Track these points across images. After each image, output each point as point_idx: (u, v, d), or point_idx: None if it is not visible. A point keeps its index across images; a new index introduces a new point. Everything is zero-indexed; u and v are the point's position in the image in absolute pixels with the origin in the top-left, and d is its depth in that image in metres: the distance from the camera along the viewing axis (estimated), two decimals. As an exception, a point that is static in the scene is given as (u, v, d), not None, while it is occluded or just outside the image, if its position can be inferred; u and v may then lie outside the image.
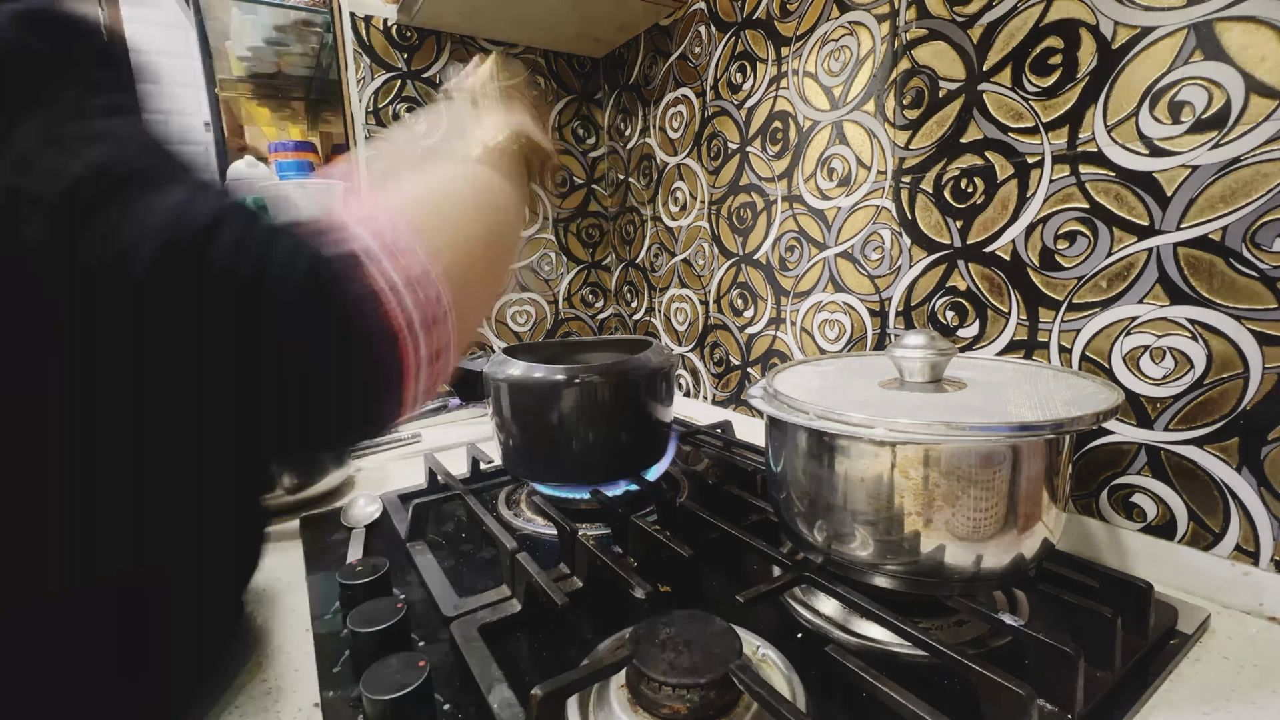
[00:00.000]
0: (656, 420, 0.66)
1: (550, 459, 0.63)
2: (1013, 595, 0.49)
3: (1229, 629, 0.45)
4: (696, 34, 0.94)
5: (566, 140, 1.18)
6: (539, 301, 1.20)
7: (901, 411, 0.41)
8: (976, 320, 0.63)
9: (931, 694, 0.34)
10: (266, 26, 1.22)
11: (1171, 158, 0.48)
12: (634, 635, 0.38)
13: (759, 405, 0.47)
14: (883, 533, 0.42)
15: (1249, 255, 0.45)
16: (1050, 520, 0.42)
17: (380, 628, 0.42)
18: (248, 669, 0.44)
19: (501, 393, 0.64)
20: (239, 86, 1.47)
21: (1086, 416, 0.38)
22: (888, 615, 0.41)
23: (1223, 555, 0.49)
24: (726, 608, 0.49)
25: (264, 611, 0.51)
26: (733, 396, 0.98)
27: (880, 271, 0.72)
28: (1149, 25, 0.48)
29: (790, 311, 0.85)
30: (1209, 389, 0.48)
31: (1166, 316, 0.49)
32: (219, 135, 1.44)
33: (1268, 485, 0.46)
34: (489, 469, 0.77)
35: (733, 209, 0.92)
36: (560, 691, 0.34)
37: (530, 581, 0.47)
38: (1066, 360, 0.56)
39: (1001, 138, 0.58)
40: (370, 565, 0.50)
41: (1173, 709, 0.38)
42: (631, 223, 1.18)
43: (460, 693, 0.40)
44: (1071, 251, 0.54)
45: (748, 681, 0.34)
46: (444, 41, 1.04)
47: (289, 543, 0.64)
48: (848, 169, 0.74)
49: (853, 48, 0.71)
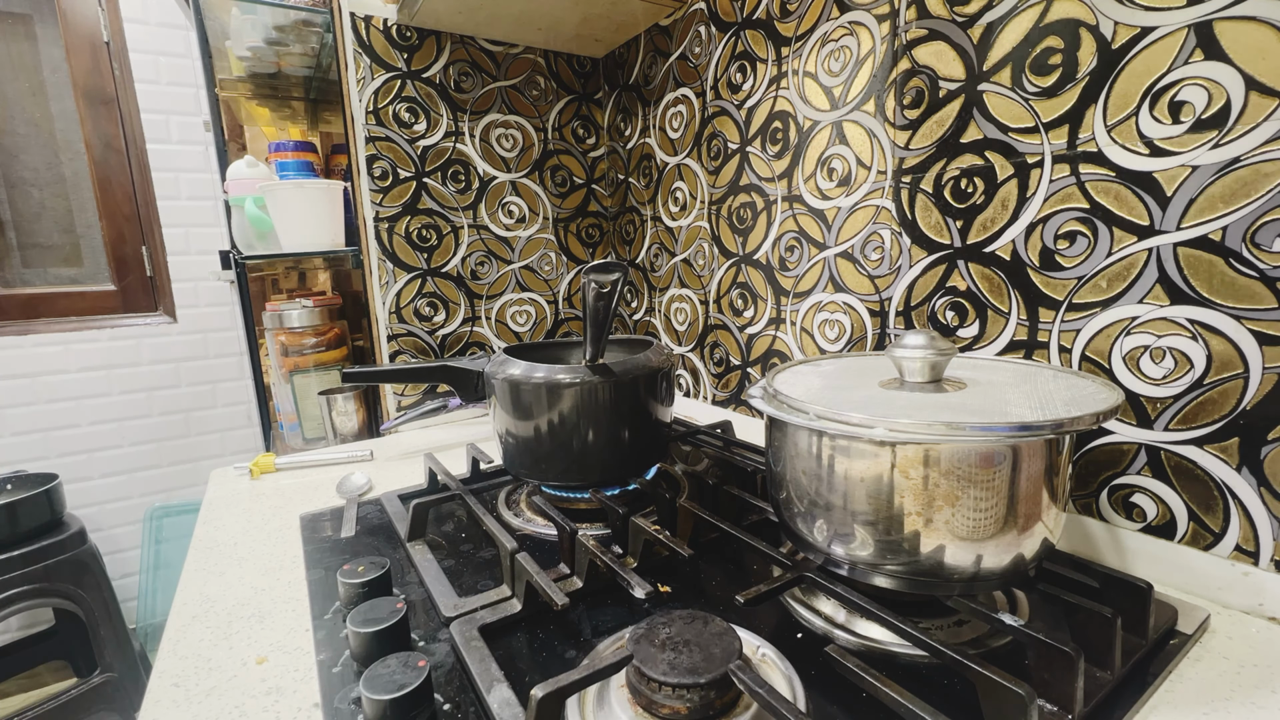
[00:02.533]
0: (656, 420, 0.66)
1: (550, 459, 0.63)
2: (1013, 595, 0.49)
3: (1229, 629, 0.45)
4: (696, 34, 0.94)
5: (567, 140, 1.18)
6: (539, 301, 1.20)
7: (901, 411, 0.41)
8: (976, 320, 0.63)
9: (931, 694, 0.34)
10: (266, 26, 1.22)
11: (1171, 158, 0.48)
12: (634, 635, 0.38)
13: (759, 405, 0.47)
14: (883, 533, 0.42)
15: (1249, 255, 0.45)
16: (1050, 520, 0.42)
17: (380, 628, 0.42)
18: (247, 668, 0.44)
19: (502, 393, 0.64)
20: (239, 86, 1.47)
21: (1086, 416, 0.38)
22: (888, 615, 0.41)
23: (1223, 555, 0.49)
24: (726, 608, 0.49)
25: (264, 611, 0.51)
26: (733, 396, 0.98)
27: (880, 271, 0.72)
28: (1149, 25, 0.48)
29: (790, 311, 0.85)
30: (1209, 389, 0.48)
31: (1166, 316, 0.49)
32: (219, 135, 1.43)
33: (1268, 485, 0.46)
34: (489, 469, 0.77)
35: (733, 209, 0.92)
36: (560, 691, 0.34)
37: (530, 581, 0.47)
38: (1066, 360, 0.56)
39: (1001, 138, 0.58)
40: (370, 565, 0.50)
41: (1173, 709, 0.38)
42: (631, 223, 1.18)
43: (460, 693, 0.40)
44: (1071, 251, 0.54)
45: (748, 681, 0.34)
46: (444, 41, 1.04)
47: (289, 542, 0.64)
48: (848, 169, 0.74)
49: (853, 48, 0.71)
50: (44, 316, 1.73)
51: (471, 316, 1.12)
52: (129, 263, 1.82)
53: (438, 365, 0.74)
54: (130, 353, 1.78)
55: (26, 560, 1.35)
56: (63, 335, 1.70)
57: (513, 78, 1.11)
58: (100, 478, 1.78)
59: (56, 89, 1.72)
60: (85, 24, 1.69)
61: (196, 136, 1.80)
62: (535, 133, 1.15)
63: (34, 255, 1.75)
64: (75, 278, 1.80)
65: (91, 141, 1.74)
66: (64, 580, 1.40)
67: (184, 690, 0.43)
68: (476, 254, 1.11)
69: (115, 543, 1.80)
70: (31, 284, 1.75)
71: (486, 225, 1.12)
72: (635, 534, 0.55)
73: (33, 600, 1.35)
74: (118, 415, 1.78)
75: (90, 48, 1.71)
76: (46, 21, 1.68)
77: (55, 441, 1.71)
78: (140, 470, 1.83)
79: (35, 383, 1.68)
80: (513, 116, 1.12)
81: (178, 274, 1.83)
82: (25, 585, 1.34)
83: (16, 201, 1.72)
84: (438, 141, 1.05)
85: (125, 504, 1.82)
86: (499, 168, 1.12)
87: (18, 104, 1.69)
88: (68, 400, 1.71)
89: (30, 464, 1.66)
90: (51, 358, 1.69)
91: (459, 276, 1.10)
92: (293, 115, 1.62)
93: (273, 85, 1.48)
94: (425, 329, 1.08)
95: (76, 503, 1.72)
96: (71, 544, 1.43)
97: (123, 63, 1.72)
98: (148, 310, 1.85)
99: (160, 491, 1.86)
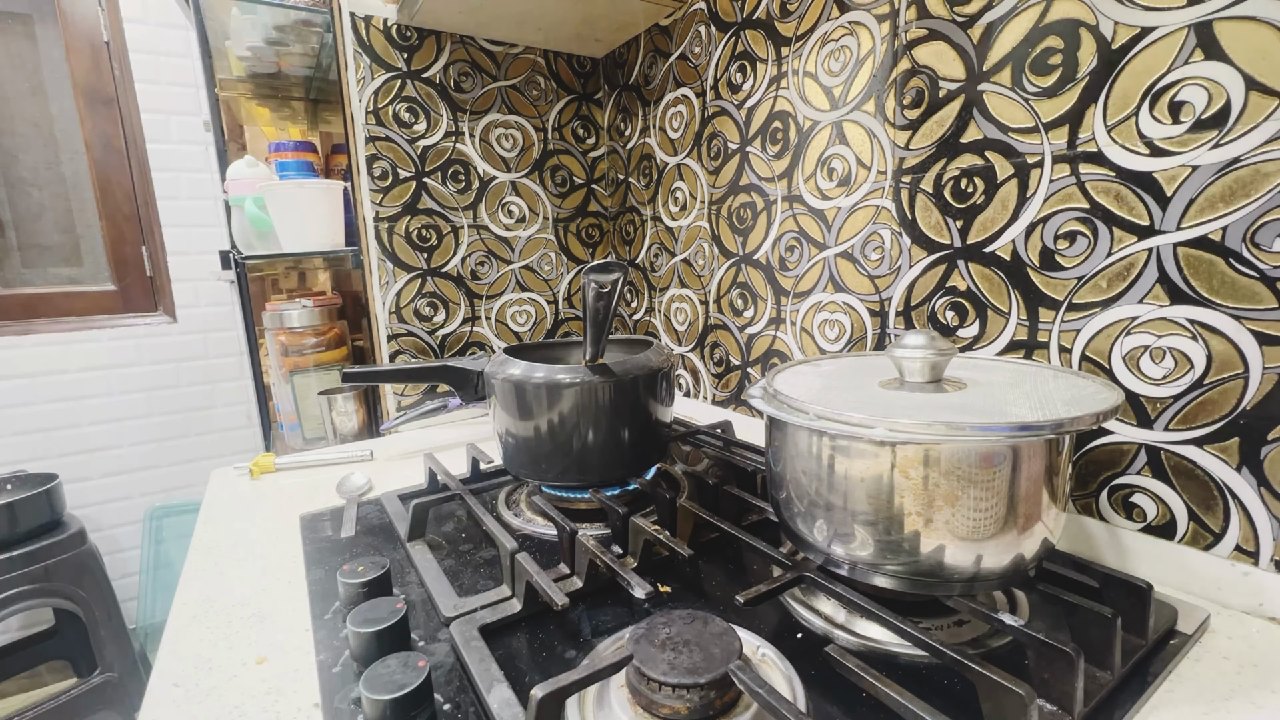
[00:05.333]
0: (656, 420, 0.66)
1: (550, 459, 0.63)
2: (1013, 595, 0.49)
3: (1229, 629, 0.45)
4: (696, 34, 0.94)
5: (567, 140, 1.18)
6: (539, 301, 1.20)
7: (901, 411, 0.41)
8: (976, 320, 0.63)
9: (931, 694, 0.34)
10: (266, 26, 1.22)
11: (1171, 158, 0.48)
12: (634, 635, 0.38)
13: (759, 405, 0.47)
14: (883, 533, 0.42)
15: (1249, 255, 0.45)
16: (1050, 520, 0.42)
17: (380, 628, 0.42)
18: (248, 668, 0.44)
19: (502, 393, 0.64)
20: (239, 86, 1.47)
21: (1086, 416, 0.38)
22: (888, 615, 0.41)
23: (1223, 555, 0.49)
24: (726, 608, 0.49)
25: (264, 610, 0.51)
26: (733, 396, 0.98)
27: (880, 271, 0.72)
28: (1149, 25, 0.48)
29: (790, 311, 0.85)
30: (1209, 389, 0.48)
31: (1166, 316, 0.49)
32: (219, 135, 1.44)
33: (1268, 485, 0.46)
34: (489, 469, 0.77)
35: (733, 209, 0.92)
36: (560, 692, 0.34)
37: (530, 581, 0.47)
38: (1066, 360, 0.56)
39: (1001, 138, 0.58)
40: (370, 565, 0.50)
41: (1173, 709, 0.38)
42: (631, 223, 1.18)
43: (460, 693, 0.40)
44: (1071, 251, 0.54)
45: (748, 681, 0.34)
46: (444, 41, 1.04)
47: (289, 542, 0.64)
48: (848, 169, 0.74)
49: (853, 48, 0.71)
50: (44, 316, 1.73)
51: (471, 316, 1.12)
52: (129, 263, 1.82)
53: (437, 365, 0.74)
54: (130, 353, 1.78)
55: (26, 560, 1.35)
56: (63, 335, 1.70)
57: (513, 78, 1.11)
58: (100, 478, 1.78)
59: (56, 89, 1.72)
60: (85, 24, 1.69)
61: (196, 136, 1.80)
62: (535, 133, 1.15)
63: (34, 255, 1.76)
64: (75, 278, 1.80)
65: (91, 141, 1.74)
66: (64, 580, 1.40)
67: (184, 690, 0.43)
68: (476, 254, 1.11)
69: (115, 543, 1.80)
70: (31, 284, 1.75)
71: (486, 225, 1.12)
72: (635, 534, 0.55)
73: (33, 600, 1.35)
74: (118, 415, 1.78)
75: (90, 48, 1.71)
76: (46, 21, 1.68)
77: (55, 441, 1.71)
78: (140, 470, 1.83)
79: (35, 383, 1.68)
80: (513, 116, 1.12)
81: (178, 274, 1.83)
82: (25, 585, 1.34)
83: (16, 201, 1.72)
84: (438, 141, 1.05)
85: (125, 504, 1.82)
86: (499, 168, 1.12)
87: (18, 104, 1.69)
88: (68, 400, 1.71)
89: (30, 464, 1.66)
90: (51, 358, 1.69)
91: (459, 276, 1.10)
92: (293, 115, 1.62)
93: (273, 85, 1.48)
94: (425, 329, 1.08)
95: (76, 503, 1.72)
96: (71, 544, 1.43)
97: (123, 63, 1.72)
98: (148, 310, 1.85)
99: (160, 491, 1.86)
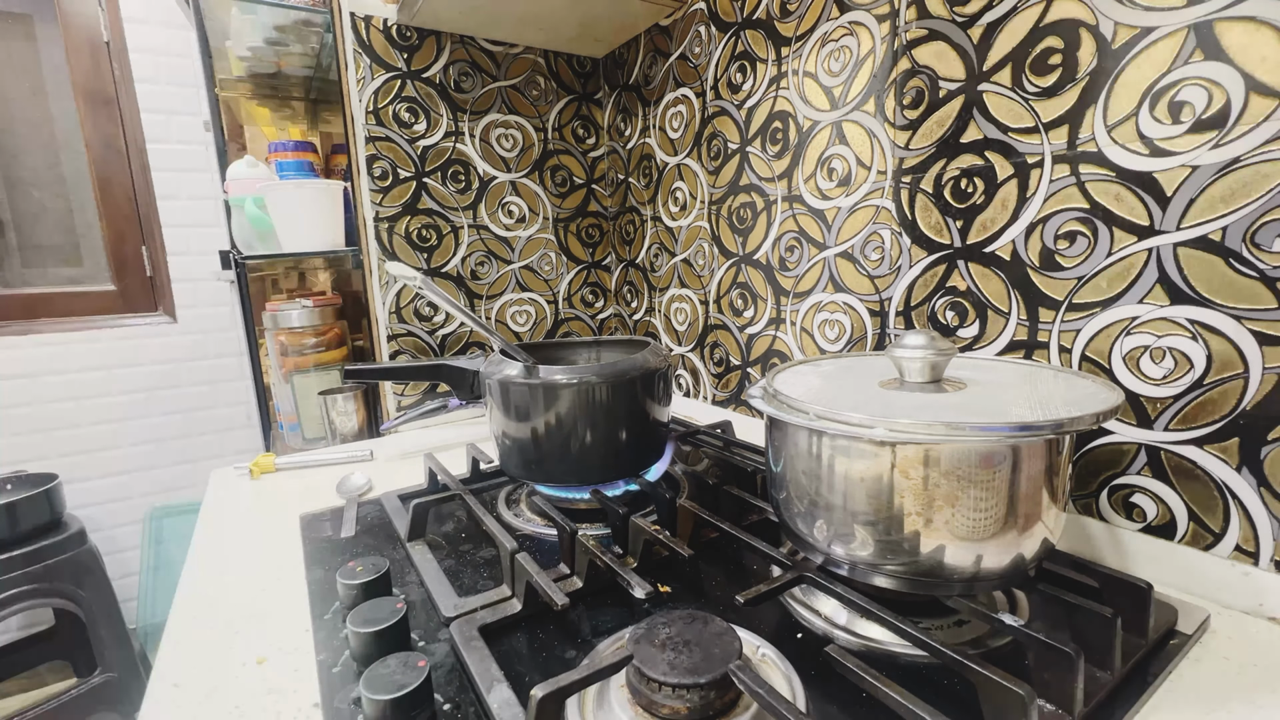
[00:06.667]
0: (655, 420, 0.66)
1: (549, 459, 0.63)
2: (1013, 595, 0.49)
3: (1229, 629, 0.45)
4: (696, 34, 0.94)
5: (566, 140, 1.18)
6: (539, 301, 1.20)
7: (901, 411, 0.41)
8: (976, 320, 0.63)
9: (931, 694, 0.34)
10: (266, 26, 1.22)
11: (1171, 158, 0.48)
12: (634, 635, 0.38)
13: (759, 405, 0.47)
14: (883, 533, 0.42)
15: (1249, 255, 0.45)
16: (1050, 520, 0.42)
17: (380, 628, 0.42)
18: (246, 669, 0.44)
19: (501, 393, 0.64)
20: (239, 86, 1.47)
21: (1086, 416, 0.38)
22: (888, 615, 0.41)
23: (1223, 555, 0.49)
24: (726, 608, 0.49)
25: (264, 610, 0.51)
26: (733, 396, 0.98)
27: (880, 271, 0.72)
28: (1149, 25, 0.48)
29: (790, 311, 0.85)
30: (1209, 389, 0.48)
31: (1166, 316, 0.49)
32: (219, 135, 1.44)
33: (1268, 485, 0.46)
34: (489, 469, 0.77)
35: (733, 209, 0.92)
36: (560, 692, 0.34)
37: (530, 581, 0.47)
38: (1066, 360, 0.56)
39: (1001, 138, 0.58)
40: (370, 565, 0.50)
41: (1173, 709, 0.38)
42: (631, 223, 1.18)
43: (460, 693, 0.40)
44: (1071, 251, 0.54)
45: (748, 681, 0.34)
46: (444, 41, 1.04)
47: (289, 542, 0.64)
48: (848, 169, 0.74)
49: (853, 48, 0.71)
50: (44, 316, 1.73)
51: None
52: (129, 263, 1.82)
53: (435, 364, 0.74)
54: (130, 353, 1.78)
55: (26, 560, 1.35)
56: (63, 335, 1.70)
57: (513, 78, 1.11)
58: (100, 478, 1.78)
59: (56, 89, 1.72)
60: (85, 24, 1.69)
61: (196, 136, 1.80)
62: (535, 133, 1.15)
63: (34, 255, 1.76)
64: (75, 278, 1.80)
65: (91, 141, 1.74)
66: (64, 580, 1.40)
67: (184, 690, 0.43)
68: (476, 254, 1.11)
69: (115, 543, 1.80)
70: (32, 284, 1.75)
71: (486, 225, 1.12)
72: (635, 534, 0.55)
73: (33, 600, 1.35)
74: (118, 415, 1.78)
75: (90, 47, 1.71)
76: (46, 21, 1.68)
77: (55, 441, 1.71)
78: (140, 470, 1.82)
79: (35, 383, 1.68)
80: (513, 116, 1.12)
81: (178, 274, 1.82)
82: (25, 585, 1.34)
83: (16, 201, 1.72)
84: (438, 141, 1.05)
85: (125, 504, 1.82)
86: (499, 168, 1.12)
87: (18, 104, 1.69)
88: (68, 400, 1.71)
89: (30, 464, 1.66)
90: (51, 358, 1.69)
91: (459, 276, 1.10)
92: (293, 115, 1.62)
93: (273, 85, 1.48)
94: (425, 329, 1.08)
95: (76, 503, 1.72)
96: (71, 544, 1.43)
97: (123, 63, 1.72)
98: (148, 310, 1.85)
99: (160, 491, 1.86)
